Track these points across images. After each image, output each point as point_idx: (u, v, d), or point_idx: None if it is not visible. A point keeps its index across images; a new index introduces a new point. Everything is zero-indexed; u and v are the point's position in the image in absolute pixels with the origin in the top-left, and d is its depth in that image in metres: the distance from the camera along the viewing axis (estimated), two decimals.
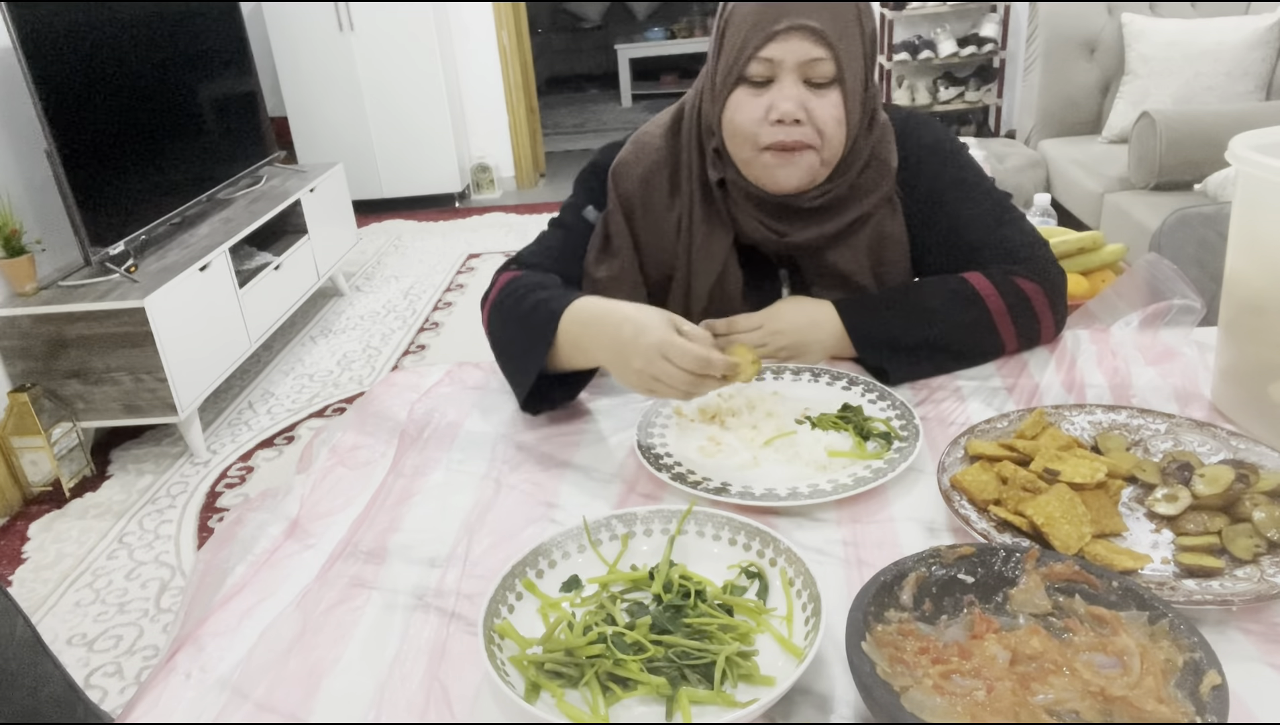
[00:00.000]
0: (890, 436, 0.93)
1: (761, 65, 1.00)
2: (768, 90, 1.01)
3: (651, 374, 0.89)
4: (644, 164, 1.13)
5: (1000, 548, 0.69)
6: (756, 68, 1.00)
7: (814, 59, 0.99)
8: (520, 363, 1.04)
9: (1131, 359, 1.05)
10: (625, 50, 7.30)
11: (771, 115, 1.00)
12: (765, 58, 0.99)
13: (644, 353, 0.88)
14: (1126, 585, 0.64)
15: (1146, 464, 0.83)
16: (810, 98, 1.00)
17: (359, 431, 1.07)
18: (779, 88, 1.00)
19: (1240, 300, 0.91)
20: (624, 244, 1.14)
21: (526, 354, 1.01)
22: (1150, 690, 0.57)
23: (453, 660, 0.70)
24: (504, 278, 1.11)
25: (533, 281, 1.08)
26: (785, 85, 1.00)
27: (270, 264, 3.11)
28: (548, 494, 0.91)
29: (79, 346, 2.48)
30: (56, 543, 2.35)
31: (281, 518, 0.92)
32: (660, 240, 1.14)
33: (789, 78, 1.00)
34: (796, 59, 0.99)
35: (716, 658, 0.65)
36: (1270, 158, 0.82)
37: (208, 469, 2.61)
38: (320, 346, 3.38)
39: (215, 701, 0.69)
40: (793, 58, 0.99)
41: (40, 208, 2.67)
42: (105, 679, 1.88)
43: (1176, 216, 1.47)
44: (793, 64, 0.99)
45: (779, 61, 0.99)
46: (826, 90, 1.00)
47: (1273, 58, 3.12)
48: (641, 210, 1.14)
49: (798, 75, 1.00)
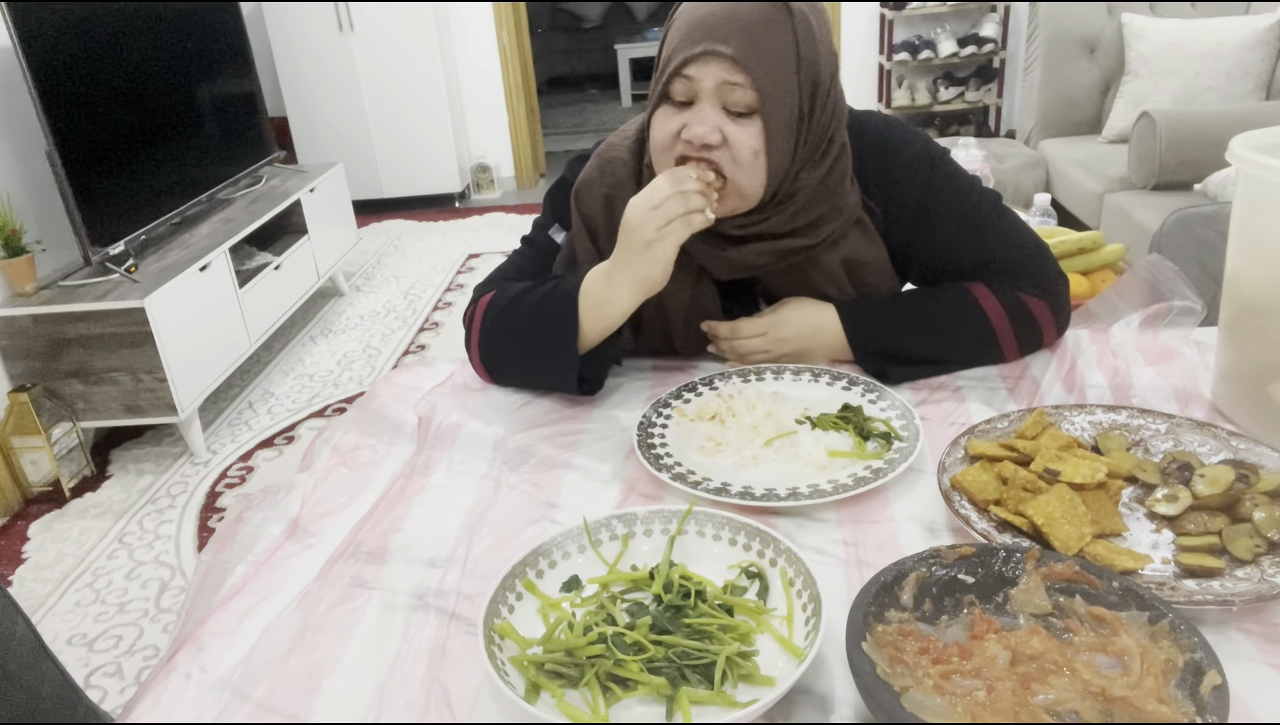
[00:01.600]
0: (890, 436, 0.92)
1: (683, 83, 0.96)
2: (686, 111, 0.97)
3: (655, 224, 0.92)
4: (607, 182, 1.09)
5: (1000, 548, 0.69)
6: (679, 86, 0.96)
7: (731, 83, 0.94)
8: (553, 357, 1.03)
9: (1132, 359, 1.05)
10: (625, 50, 7.30)
11: (685, 134, 0.96)
12: (686, 75, 0.95)
13: (631, 222, 0.94)
14: (1127, 585, 0.64)
15: (1147, 464, 0.83)
16: (727, 124, 0.95)
17: (360, 431, 1.07)
18: (696, 110, 0.96)
19: (1240, 300, 0.91)
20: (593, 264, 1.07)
21: (557, 344, 1.01)
22: (1150, 690, 0.57)
23: (453, 660, 0.70)
24: (484, 300, 1.10)
25: (515, 289, 1.07)
26: (703, 108, 0.96)
27: (270, 264, 3.11)
28: (548, 494, 0.91)
29: (79, 346, 2.48)
30: (56, 543, 2.35)
31: (282, 517, 0.92)
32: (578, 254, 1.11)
33: (707, 100, 0.95)
34: (715, 81, 0.94)
35: (717, 658, 0.65)
36: (1270, 158, 0.82)
37: (208, 469, 2.61)
38: (320, 346, 3.38)
39: (215, 701, 0.69)
40: (711, 81, 0.94)
41: (40, 208, 2.67)
42: (105, 679, 1.88)
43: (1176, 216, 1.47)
44: (711, 86, 0.94)
45: (698, 81, 0.95)
46: (747, 119, 0.96)
47: (1273, 58, 3.12)
48: (605, 232, 1.08)
49: (716, 99, 0.95)
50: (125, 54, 2.76)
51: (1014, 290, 1.05)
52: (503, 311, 1.07)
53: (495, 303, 1.08)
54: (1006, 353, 1.06)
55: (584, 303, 0.99)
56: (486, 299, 1.10)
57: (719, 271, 1.08)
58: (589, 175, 1.11)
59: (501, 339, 1.08)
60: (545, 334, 1.02)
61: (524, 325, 1.05)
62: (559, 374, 1.04)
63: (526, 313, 1.04)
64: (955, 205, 1.07)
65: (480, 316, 1.09)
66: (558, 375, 1.04)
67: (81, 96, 2.53)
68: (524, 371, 1.09)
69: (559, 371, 1.03)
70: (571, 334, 1.00)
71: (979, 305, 1.04)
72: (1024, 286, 1.06)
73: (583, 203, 1.10)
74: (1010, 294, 1.05)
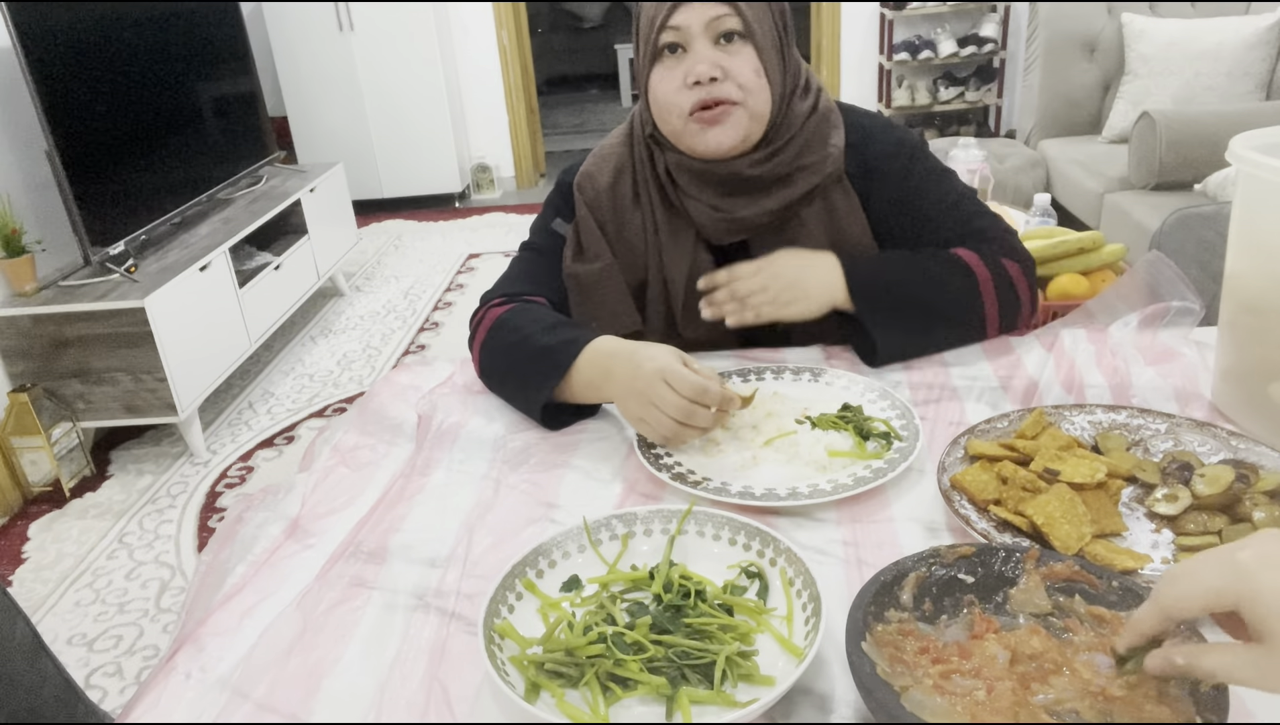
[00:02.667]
0: (890, 436, 0.92)
1: (671, 34, 1.03)
2: (683, 59, 1.04)
3: (650, 398, 0.90)
4: (606, 172, 1.16)
5: (1000, 548, 0.69)
6: (668, 37, 1.04)
7: (718, 16, 1.02)
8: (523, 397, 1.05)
9: (1131, 359, 1.05)
10: (625, 50, 7.29)
11: (689, 78, 1.03)
12: (673, 26, 1.03)
13: (647, 376, 0.91)
14: (1126, 585, 0.64)
15: (1147, 464, 0.83)
16: (724, 57, 1.03)
17: (360, 431, 1.07)
18: (692, 52, 1.03)
19: (1240, 300, 0.91)
20: (600, 248, 1.15)
21: (528, 392, 1.03)
22: (1150, 690, 0.57)
23: (453, 660, 0.70)
24: (492, 314, 1.10)
25: (527, 317, 1.08)
26: (697, 48, 1.03)
27: (270, 264, 3.11)
28: (548, 494, 0.91)
29: (79, 346, 2.48)
30: (56, 543, 2.35)
31: (282, 517, 0.92)
32: (630, 246, 1.16)
33: (699, 41, 1.03)
34: (703, 20, 1.02)
35: (716, 658, 0.65)
36: (1270, 158, 0.82)
37: (208, 469, 2.61)
38: (320, 346, 3.38)
39: (215, 701, 0.69)
40: (699, 20, 1.02)
41: (40, 208, 2.67)
42: (105, 679, 1.88)
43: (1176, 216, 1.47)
44: (700, 26, 1.02)
45: (686, 27, 1.03)
46: (739, 47, 1.04)
47: (1273, 58, 3.12)
48: (611, 217, 1.16)
49: (708, 37, 1.03)
50: (125, 54, 2.76)
51: (993, 253, 1.11)
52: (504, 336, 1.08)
53: (504, 323, 1.08)
54: (988, 307, 1.10)
55: (577, 375, 0.99)
56: (495, 315, 1.10)
57: (719, 235, 1.13)
58: (588, 169, 1.18)
59: (491, 364, 1.10)
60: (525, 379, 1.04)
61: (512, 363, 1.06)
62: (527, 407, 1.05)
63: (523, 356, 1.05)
64: (933, 189, 1.15)
65: (486, 331, 1.10)
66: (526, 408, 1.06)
67: (81, 96, 2.53)
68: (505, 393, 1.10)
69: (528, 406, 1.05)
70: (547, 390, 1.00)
71: (962, 258, 1.10)
72: (999, 252, 1.12)
73: (585, 191, 1.16)
74: (988, 255, 1.11)
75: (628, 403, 0.94)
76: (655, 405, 0.90)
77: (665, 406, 0.89)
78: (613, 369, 0.96)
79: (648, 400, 0.90)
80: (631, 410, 0.94)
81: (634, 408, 0.93)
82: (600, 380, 0.98)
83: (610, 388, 0.96)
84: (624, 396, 0.94)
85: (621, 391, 0.94)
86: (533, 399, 1.02)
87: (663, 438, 0.92)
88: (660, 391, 0.89)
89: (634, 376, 0.92)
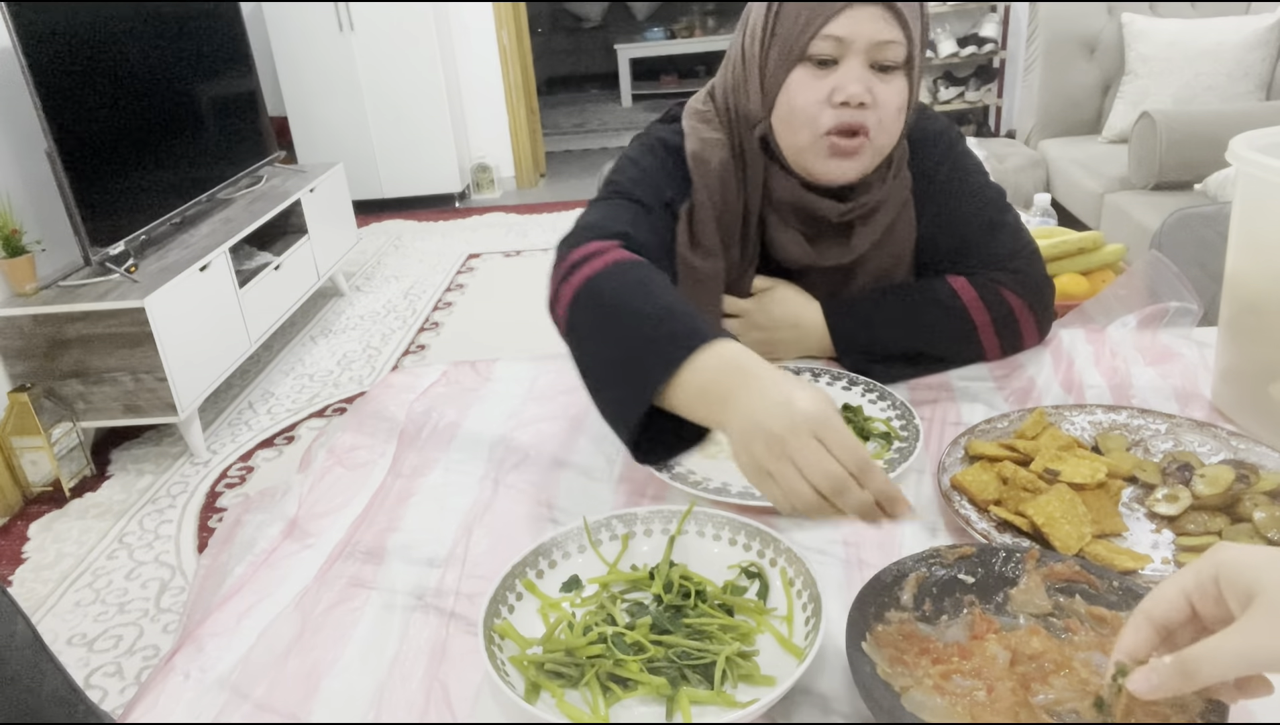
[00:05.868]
0: (890, 436, 0.92)
1: (827, 43, 0.92)
2: (832, 71, 0.94)
3: (789, 450, 0.66)
4: (715, 161, 1.02)
5: (1000, 548, 0.69)
6: (821, 46, 0.92)
7: (885, 41, 0.92)
8: (619, 388, 0.80)
9: (1131, 359, 1.05)
10: (625, 50, 7.29)
11: (836, 97, 0.93)
12: (832, 35, 0.92)
13: (792, 420, 0.66)
14: (1127, 585, 0.64)
15: (1147, 464, 0.83)
16: (876, 82, 0.93)
17: (357, 432, 1.07)
18: (845, 69, 0.93)
19: (1240, 300, 0.91)
20: (713, 243, 1.03)
21: (630, 378, 0.77)
22: None
23: (453, 660, 0.70)
24: (611, 253, 0.87)
25: (648, 278, 0.84)
26: (852, 66, 0.93)
27: (270, 264, 3.11)
28: (548, 494, 0.91)
29: (79, 346, 2.48)
30: (56, 543, 2.35)
31: (280, 518, 0.92)
32: (728, 244, 1.05)
33: (856, 59, 0.93)
34: (868, 40, 0.91)
35: (717, 658, 0.64)
36: (1270, 158, 0.82)
37: (208, 469, 2.61)
38: (320, 346, 3.38)
39: (215, 702, 0.69)
40: (864, 38, 0.91)
41: (40, 208, 2.67)
42: (105, 679, 1.88)
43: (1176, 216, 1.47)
44: (863, 45, 0.92)
45: (847, 41, 0.92)
46: (892, 75, 0.94)
47: (1273, 58, 3.12)
48: (721, 206, 1.03)
49: (865, 57, 0.93)
50: (125, 54, 2.75)
51: (995, 285, 1.05)
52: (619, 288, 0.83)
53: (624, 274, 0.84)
54: (988, 349, 1.06)
55: (688, 375, 0.73)
56: (615, 253, 0.87)
57: (826, 260, 1.05)
58: (696, 149, 1.02)
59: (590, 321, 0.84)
60: (628, 358, 0.78)
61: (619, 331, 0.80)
62: (620, 409, 0.79)
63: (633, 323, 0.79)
64: (961, 188, 1.09)
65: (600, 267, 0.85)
66: (611, 410, 0.81)
67: (81, 96, 2.53)
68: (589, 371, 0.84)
69: (612, 407, 0.80)
70: (655, 379, 0.74)
71: (959, 298, 1.04)
72: (1006, 282, 1.06)
73: (700, 173, 1.02)
74: (991, 289, 1.05)
75: (751, 443, 0.68)
76: (795, 462, 0.66)
77: (810, 469, 0.65)
78: (737, 390, 0.70)
79: (785, 452, 0.66)
80: (755, 454, 0.68)
81: (759, 453, 0.67)
82: (718, 396, 0.71)
83: (728, 413, 0.70)
84: (747, 433, 0.68)
85: (745, 425, 0.68)
86: (632, 397, 0.76)
87: (791, 507, 0.67)
88: (809, 448, 0.65)
89: (770, 412, 0.67)
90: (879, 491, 0.66)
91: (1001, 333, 1.06)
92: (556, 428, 1.03)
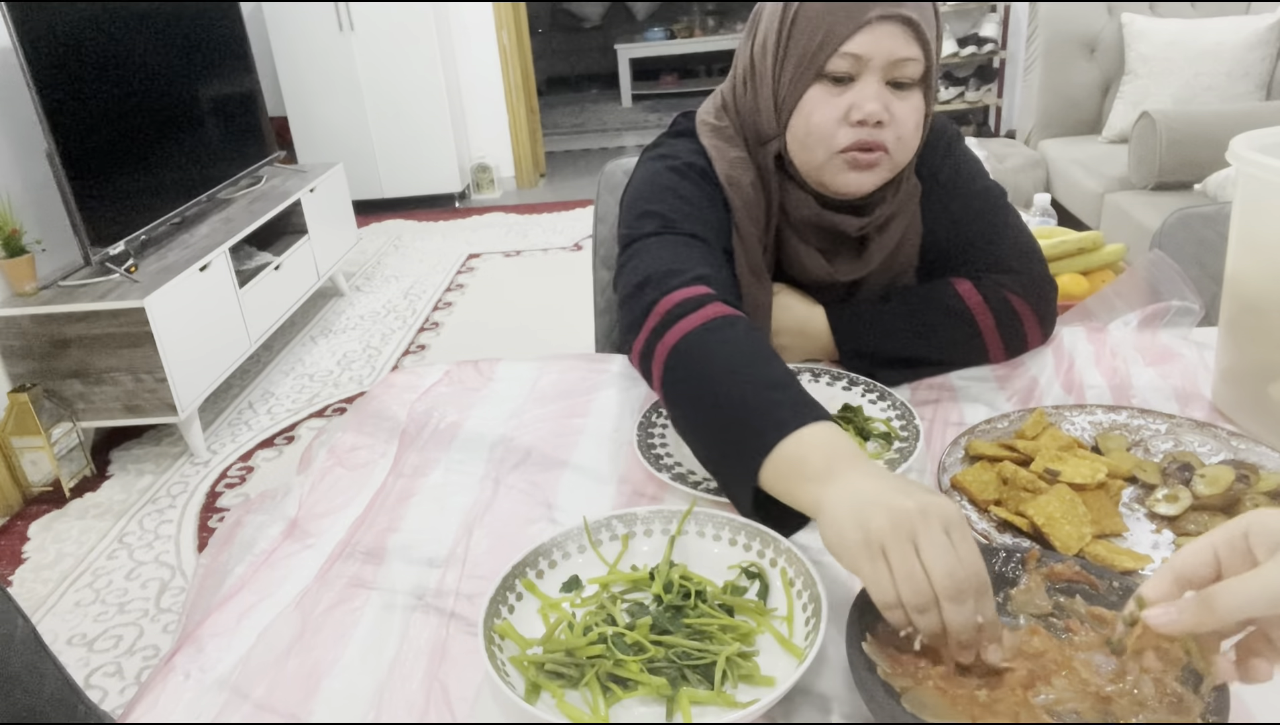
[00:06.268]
0: (890, 436, 0.92)
1: (844, 61, 0.91)
2: (848, 88, 0.93)
3: (916, 533, 0.58)
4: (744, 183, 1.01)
5: (1001, 548, 0.69)
6: (839, 63, 0.91)
7: (904, 58, 0.91)
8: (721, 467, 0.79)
9: (1131, 359, 1.05)
10: (625, 50, 7.30)
11: (853, 115, 0.92)
12: (850, 53, 0.90)
13: (926, 505, 0.59)
14: (1127, 586, 0.64)
15: (1147, 464, 0.83)
16: (892, 99, 0.93)
17: (357, 432, 1.07)
18: (862, 86, 0.92)
19: (1240, 300, 0.91)
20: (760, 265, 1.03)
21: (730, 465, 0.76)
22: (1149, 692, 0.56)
23: (453, 660, 0.70)
24: (712, 306, 0.84)
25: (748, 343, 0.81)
26: (869, 83, 0.92)
27: (270, 264, 3.11)
28: (548, 494, 0.91)
29: (79, 346, 2.48)
30: (56, 543, 2.35)
31: (280, 518, 0.92)
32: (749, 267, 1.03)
33: (873, 76, 0.92)
34: (886, 57, 0.91)
35: (717, 658, 0.64)
36: (1270, 158, 0.82)
37: (208, 469, 2.61)
38: (320, 346, 3.38)
39: (215, 701, 0.69)
40: (882, 56, 0.90)
41: (40, 208, 2.67)
42: (105, 679, 1.88)
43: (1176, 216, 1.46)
44: (881, 62, 0.91)
45: (865, 58, 0.91)
46: (909, 91, 0.94)
47: (1273, 58, 3.12)
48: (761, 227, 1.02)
49: (882, 74, 0.92)
50: (125, 54, 2.76)
51: (999, 288, 1.05)
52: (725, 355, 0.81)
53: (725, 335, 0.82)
54: (992, 352, 1.06)
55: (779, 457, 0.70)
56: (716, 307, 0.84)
57: (842, 274, 1.05)
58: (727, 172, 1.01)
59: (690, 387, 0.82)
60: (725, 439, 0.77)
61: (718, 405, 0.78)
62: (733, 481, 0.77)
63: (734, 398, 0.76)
64: (962, 189, 1.09)
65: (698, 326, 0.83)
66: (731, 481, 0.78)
67: (81, 96, 2.53)
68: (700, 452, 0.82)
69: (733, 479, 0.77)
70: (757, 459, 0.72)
71: (963, 302, 1.04)
72: (1009, 285, 1.06)
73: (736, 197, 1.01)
74: (996, 292, 1.05)
75: (869, 516, 0.60)
76: (920, 547, 0.58)
77: (935, 559, 0.57)
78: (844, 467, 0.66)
79: (911, 533, 0.58)
80: (870, 529, 0.60)
81: (877, 527, 0.59)
82: (816, 468, 0.67)
83: (831, 488, 0.65)
84: (863, 506, 0.61)
85: (860, 499, 0.62)
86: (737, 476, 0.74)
87: (896, 596, 0.58)
88: (940, 539, 0.58)
89: (900, 489, 0.62)
90: (990, 620, 0.58)
91: (1006, 335, 1.06)
92: (557, 428, 1.03)
